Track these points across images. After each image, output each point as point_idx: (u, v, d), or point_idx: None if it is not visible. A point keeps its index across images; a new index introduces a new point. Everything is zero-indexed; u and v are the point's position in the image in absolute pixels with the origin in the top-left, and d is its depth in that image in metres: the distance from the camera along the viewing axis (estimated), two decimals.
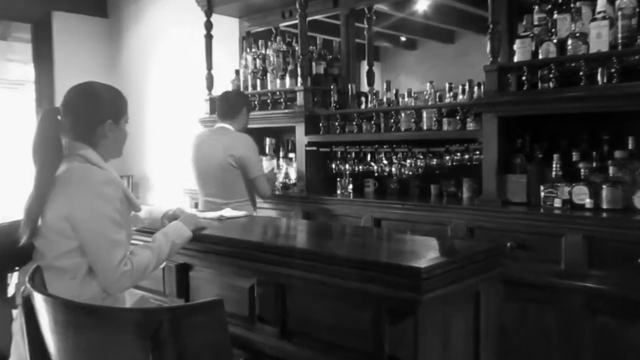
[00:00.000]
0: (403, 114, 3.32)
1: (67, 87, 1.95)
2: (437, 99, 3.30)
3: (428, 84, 3.38)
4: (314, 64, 3.94)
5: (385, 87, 3.61)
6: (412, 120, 3.27)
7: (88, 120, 1.90)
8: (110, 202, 1.79)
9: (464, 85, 3.21)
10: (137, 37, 5.92)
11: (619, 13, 2.49)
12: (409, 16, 4.08)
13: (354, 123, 3.54)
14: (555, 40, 2.68)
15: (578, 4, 2.67)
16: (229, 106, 3.44)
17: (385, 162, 3.46)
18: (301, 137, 3.72)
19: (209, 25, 4.27)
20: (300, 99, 3.74)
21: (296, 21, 3.78)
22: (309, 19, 3.78)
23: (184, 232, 2.04)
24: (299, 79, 3.75)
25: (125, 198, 1.88)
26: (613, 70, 2.48)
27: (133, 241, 2.13)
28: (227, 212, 2.62)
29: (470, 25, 3.80)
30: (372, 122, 3.47)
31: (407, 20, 4.11)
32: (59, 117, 1.88)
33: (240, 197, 3.33)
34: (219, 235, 2.13)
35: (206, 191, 3.40)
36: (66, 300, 1.29)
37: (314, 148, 3.70)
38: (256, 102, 4.10)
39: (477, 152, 3.07)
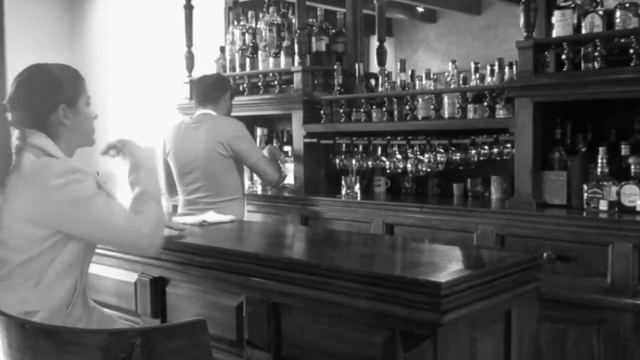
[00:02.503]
0: (420, 100, 3.33)
1: (21, 65, 1.97)
2: (461, 82, 3.31)
3: (450, 63, 3.39)
4: (313, 39, 3.94)
5: (399, 67, 3.62)
6: (432, 106, 3.28)
7: (37, 109, 1.92)
8: (82, 181, 1.84)
9: (492, 65, 3.22)
10: (102, 5, 5.92)
11: None
12: None
13: (362, 110, 3.55)
14: (601, 12, 2.68)
15: None
16: (209, 89, 3.47)
17: (399, 156, 3.47)
18: (299, 127, 3.73)
19: None
20: (297, 81, 3.75)
21: None
22: None
23: (147, 168, 2.13)
24: (296, 58, 3.76)
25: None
26: None
27: None
28: (210, 216, 2.64)
29: None
30: (384, 108, 3.48)
31: None
32: (7, 114, 1.92)
33: (232, 193, 3.35)
34: (200, 244, 2.14)
35: (189, 189, 3.41)
36: (22, 320, 1.31)
37: (314, 140, 3.71)
38: (245, 85, 4.10)
39: (509, 145, 3.08)
